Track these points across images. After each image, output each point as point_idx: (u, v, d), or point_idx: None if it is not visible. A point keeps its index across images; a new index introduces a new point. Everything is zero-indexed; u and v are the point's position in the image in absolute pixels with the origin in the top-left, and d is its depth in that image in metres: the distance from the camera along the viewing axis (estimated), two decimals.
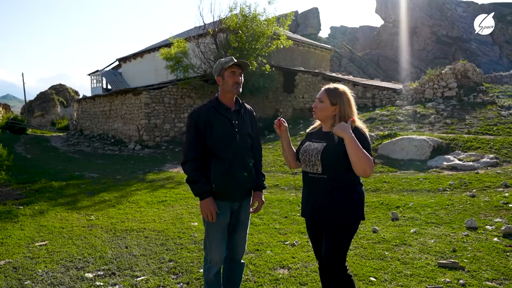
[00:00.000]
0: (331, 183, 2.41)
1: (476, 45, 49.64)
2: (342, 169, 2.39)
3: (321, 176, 2.43)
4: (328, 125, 2.54)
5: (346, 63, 50.16)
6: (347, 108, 2.47)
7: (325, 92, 2.52)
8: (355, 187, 2.46)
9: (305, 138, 2.72)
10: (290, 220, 5.51)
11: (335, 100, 2.48)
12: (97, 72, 29.96)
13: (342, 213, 2.40)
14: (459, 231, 4.75)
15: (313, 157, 2.45)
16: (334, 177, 2.41)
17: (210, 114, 2.62)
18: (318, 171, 2.44)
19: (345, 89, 2.52)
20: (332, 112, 2.49)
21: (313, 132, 2.68)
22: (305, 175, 2.56)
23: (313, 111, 2.59)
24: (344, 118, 2.45)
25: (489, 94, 13.72)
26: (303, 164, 2.57)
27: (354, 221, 2.46)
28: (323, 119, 2.56)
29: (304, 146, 2.58)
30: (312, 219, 2.55)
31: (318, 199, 2.45)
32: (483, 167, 8.11)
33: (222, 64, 2.64)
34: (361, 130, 2.43)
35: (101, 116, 21.09)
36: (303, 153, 2.54)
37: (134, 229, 5.21)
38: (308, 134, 2.72)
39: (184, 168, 2.61)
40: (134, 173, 10.51)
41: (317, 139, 2.53)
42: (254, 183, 2.77)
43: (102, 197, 7.33)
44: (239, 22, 15.93)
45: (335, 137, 2.40)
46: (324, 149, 2.42)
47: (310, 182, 2.51)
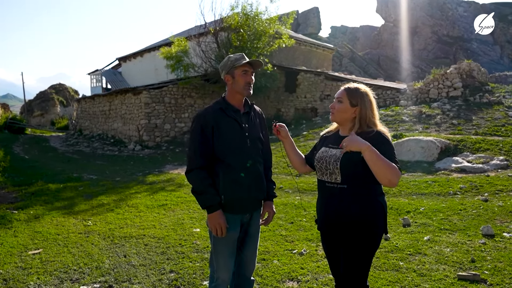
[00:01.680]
0: (351, 193, 2.17)
1: (477, 45, 49.44)
2: (363, 178, 2.15)
3: (341, 186, 2.19)
4: (347, 129, 2.30)
5: (346, 62, 49.96)
6: (368, 111, 2.23)
7: (345, 92, 2.28)
8: (377, 198, 2.22)
9: (319, 142, 2.47)
10: (296, 226, 5.26)
11: (355, 101, 2.24)
12: (96, 72, 29.74)
13: (364, 227, 2.16)
14: (475, 239, 4.50)
15: (331, 165, 2.21)
16: (355, 187, 2.17)
17: (217, 117, 2.37)
18: (336, 180, 2.20)
19: (367, 90, 2.28)
20: (351, 114, 2.25)
21: (328, 136, 2.43)
22: (322, 184, 2.31)
23: (330, 112, 2.34)
24: (365, 121, 2.21)
25: (495, 94, 13.47)
26: (318, 172, 2.32)
27: (377, 235, 2.21)
28: (341, 122, 2.32)
29: (320, 153, 2.33)
30: (329, 233, 2.31)
31: (337, 211, 2.21)
32: (493, 169, 7.86)
33: (233, 62, 2.38)
34: (384, 134, 2.19)
35: (100, 116, 20.84)
36: (319, 160, 2.30)
37: (133, 236, 4.96)
38: (323, 138, 2.47)
39: (190, 178, 2.36)
40: (133, 174, 10.27)
41: (335, 145, 2.27)
42: (265, 192, 2.53)
43: (100, 200, 7.09)
44: (241, 21, 15.69)
45: None
46: (343, 157, 2.16)
47: (328, 192, 2.26)
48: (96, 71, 29.97)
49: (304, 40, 23.10)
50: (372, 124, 2.22)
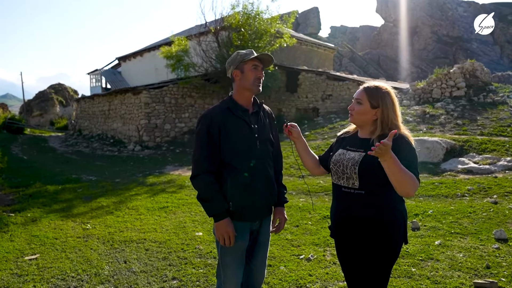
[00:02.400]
0: (370, 200, 2.01)
1: (477, 45, 49.34)
2: (383, 184, 1.98)
3: (358, 191, 2.03)
4: (367, 131, 2.12)
5: (346, 62, 49.87)
6: (391, 112, 2.05)
7: (364, 92, 2.09)
8: (397, 205, 2.05)
9: (335, 144, 2.31)
10: (302, 230, 5.10)
11: (376, 102, 2.06)
12: (96, 71, 29.60)
13: (383, 236, 2.00)
14: (488, 243, 4.34)
15: (349, 169, 2.04)
16: (374, 193, 2.01)
17: (224, 117, 2.20)
18: (354, 185, 2.04)
19: (388, 89, 2.09)
20: (372, 116, 2.08)
21: (346, 137, 2.25)
22: (337, 189, 2.15)
23: (349, 114, 2.16)
24: (386, 124, 2.04)
25: (499, 94, 13.31)
26: (334, 176, 2.16)
27: (397, 244, 2.05)
28: (361, 124, 2.14)
29: (337, 155, 2.16)
30: (345, 241, 2.14)
31: (354, 219, 2.05)
32: (500, 170, 7.71)
33: (243, 56, 2.21)
34: (407, 139, 2.02)
35: (100, 116, 20.68)
36: (335, 163, 2.14)
37: (134, 240, 4.80)
38: (340, 139, 2.30)
39: (195, 183, 2.19)
40: (133, 175, 10.10)
41: (353, 147, 2.12)
42: (275, 198, 2.37)
43: (100, 202, 6.92)
44: (242, 20, 15.53)
45: (375, 142, 1.99)
46: (362, 160, 2.01)
47: (344, 198, 2.10)
48: (96, 71, 29.82)
49: (305, 40, 22.96)
50: (395, 127, 2.05)
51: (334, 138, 11.83)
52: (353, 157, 2.06)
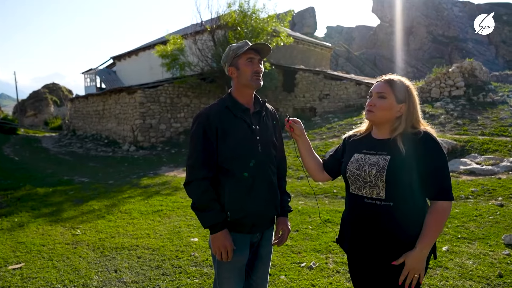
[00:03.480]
0: (399, 213, 1.74)
1: (473, 45, 49.43)
2: (413, 193, 1.73)
3: (385, 203, 1.76)
4: (386, 131, 1.87)
5: (343, 62, 49.80)
6: (416, 108, 1.83)
7: (388, 85, 1.84)
8: (424, 215, 1.80)
9: (345, 148, 2.05)
10: (302, 235, 4.88)
11: (403, 96, 1.82)
12: (90, 71, 29.25)
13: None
14: (498, 249, 4.14)
15: (373, 177, 1.77)
16: (403, 204, 1.75)
17: (222, 117, 1.97)
18: (380, 196, 1.77)
19: (410, 84, 1.87)
20: (396, 112, 1.83)
21: (357, 139, 1.99)
22: (356, 200, 1.87)
23: (366, 110, 1.89)
24: (411, 122, 1.80)
25: (499, 93, 13.16)
26: (353, 185, 1.87)
27: (427, 262, 1.81)
28: (382, 122, 1.87)
29: (355, 161, 1.88)
30: (364, 259, 1.87)
31: (380, 236, 1.78)
32: (503, 171, 7.52)
33: (235, 50, 1.98)
34: (434, 138, 1.76)
35: (94, 116, 20.37)
36: (355, 169, 1.85)
37: (126, 247, 4.55)
38: (350, 142, 2.03)
39: (189, 190, 1.96)
40: (127, 177, 9.84)
41: (373, 150, 1.86)
42: (279, 207, 2.13)
43: (91, 206, 6.66)
44: (238, 18, 15.30)
45: (401, 147, 1.75)
46: (389, 165, 1.74)
47: (366, 211, 1.82)
48: (90, 70, 29.47)
49: (302, 39, 22.75)
50: (417, 124, 1.83)
51: (332, 138, 11.68)
52: (376, 162, 1.79)
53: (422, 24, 51.86)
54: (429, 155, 1.70)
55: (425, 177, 1.72)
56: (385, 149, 1.81)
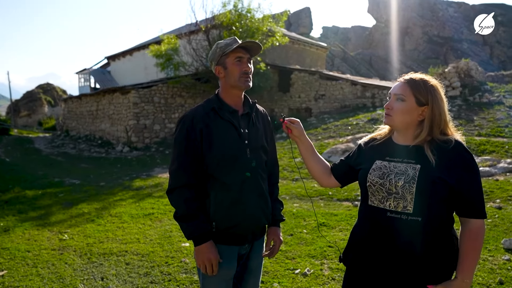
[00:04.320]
0: (428, 229, 1.55)
1: (467, 45, 49.67)
2: (442, 206, 1.56)
3: (413, 218, 1.55)
4: (409, 136, 1.66)
5: (338, 62, 49.87)
6: (442, 112, 1.62)
7: (407, 86, 1.63)
8: (452, 230, 1.64)
9: (363, 153, 1.82)
10: (296, 239, 4.74)
11: (425, 98, 1.61)
12: (85, 71, 29.03)
13: (441, 275, 1.58)
14: (498, 254, 4.02)
15: (400, 188, 1.56)
16: (434, 220, 1.55)
17: (208, 119, 1.83)
18: (406, 209, 1.55)
19: (436, 83, 1.67)
20: (418, 116, 1.63)
21: (378, 144, 1.77)
22: (376, 213, 1.64)
23: (385, 114, 1.69)
24: (438, 125, 1.61)
25: (495, 94, 13.12)
26: (374, 196, 1.65)
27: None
28: (402, 127, 1.67)
29: (377, 169, 1.66)
30: (379, 281, 1.65)
31: (404, 254, 1.57)
32: (501, 173, 7.43)
33: (223, 48, 1.83)
34: (469, 151, 1.57)
35: (87, 116, 20.16)
36: (378, 178, 1.63)
37: (114, 252, 4.40)
38: (368, 146, 1.81)
39: (172, 199, 1.81)
40: (120, 178, 9.67)
41: (398, 157, 1.65)
42: (270, 216, 1.99)
43: (81, 209, 6.49)
44: (233, 18, 15.18)
45: (430, 156, 1.55)
46: (420, 176, 1.54)
47: (389, 226, 1.60)
48: (84, 70, 29.23)
49: (297, 39, 22.65)
50: (446, 129, 1.64)
51: (328, 139, 11.55)
52: (404, 171, 1.58)
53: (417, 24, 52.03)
54: (463, 169, 1.53)
55: (456, 193, 1.54)
56: (413, 157, 1.61)
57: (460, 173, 1.53)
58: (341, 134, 11.46)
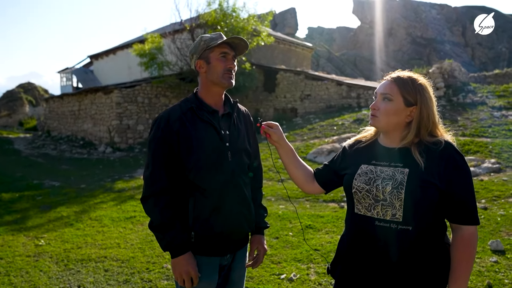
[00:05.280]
0: (420, 239, 1.44)
1: (450, 47, 50.51)
2: (434, 213, 1.45)
3: (402, 227, 1.43)
4: (396, 138, 1.55)
5: (324, 63, 50.14)
6: (431, 112, 1.51)
7: (395, 85, 1.52)
8: (446, 238, 1.53)
9: (348, 156, 1.70)
10: (282, 243, 4.63)
11: (413, 98, 1.50)
12: (67, 70, 28.45)
13: (437, 285, 1.48)
14: (485, 256, 3.98)
15: (388, 194, 1.44)
16: (424, 228, 1.44)
17: (186, 120, 1.69)
18: (395, 218, 1.44)
19: (425, 81, 1.56)
20: (406, 117, 1.52)
21: (363, 146, 1.66)
22: (363, 222, 1.52)
23: (370, 115, 1.57)
24: (426, 127, 1.50)
25: (478, 94, 13.25)
26: (359, 204, 1.53)
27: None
28: (389, 129, 1.56)
29: (363, 173, 1.54)
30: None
31: (394, 267, 1.46)
32: (485, 173, 7.46)
33: (207, 42, 1.71)
34: (460, 153, 1.48)
35: (69, 117, 19.73)
36: (364, 184, 1.51)
37: (92, 259, 4.21)
38: (353, 149, 1.69)
39: (147, 207, 1.68)
40: (101, 180, 9.42)
41: (384, 161, 1.53)
42: (253, 223, 1.87)
43: (60, 212, 6.26)
44: (218, 17, 15.02)
45: (418, 158, 1.44)
46: (409, 180, 1.43)
47: (377, 237, 1.48)
48: (67, 69, 28.65)
49: (283, 39, 22.60)
50: (435, 130, 1.53)
51: (313, 139, 11.49)
52: (392, 176, 1.46)
53: (401, 26, 52.67)
54: (453, 172, 1.42)
55: (447, 197, 1.44)
56: (400, 160, 1.50)
57: (451, 175, 1.43)
58: (327, 134, 11.42)
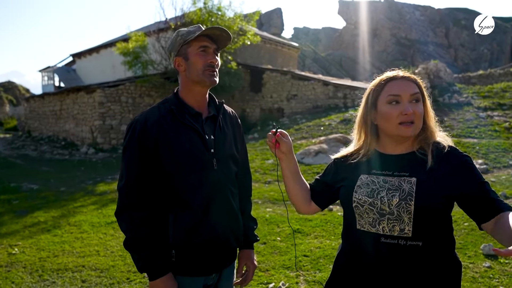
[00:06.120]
0: (431, 256, 1.29)
1: (433, 48, 51.22)
2: (445, 226, 1.32)
3: (412, 243, 1.28)
4: (407, 143, 1.39)
5: (310, 63, 50.29)
6: (431, 109, 1.40)
7: (414, 83, 1.38)
8: (455, 253, 1.38)
9: (342, 167, 1.51)
10: (270, 248, 4.46)
11: (424, 96, 1.39)
12: (48, 69, 27.79)
13: None
14: (478, 261, 3.88)
15: (395, 207, 1.28)
16: (436, 242, 1.30)
17: (165, 124, 1.49)
18: (405, 233, 1.28)
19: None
20: None
21: (358, 158, 1.45)
22: (367, 239, 1.34)
23: (408, 123, 1.32)
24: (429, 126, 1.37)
25: (463, 94, 13.33)
26: (362, 219, 1.36)
27: None
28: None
29: (364, 185, 1.37)
30: None
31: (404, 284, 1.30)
32: None
33: (184, 36, 1.52)
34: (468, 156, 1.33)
35: (51, 117, 19.23)
36: (366, 197, 1.34)
37: (69, 268, 3.97)
38: (347, 161, 1.49)
39: (121, 223, 1.48)
40: (82, 182, 9.12)
41: (386, 170, 1.37)
42: (241, 237, 1.68)
43: (37, 217, 5.98)
44: (203, 16, 14.80)
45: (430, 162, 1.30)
46: (418, 191, 1.27)
47: (384, 255, 1.31)
48: (48, 68, 27.99)
49: (269, 38, 22.48)
50: (435, 129, 1.40)
51: (300, 140, 11.35)
52: (398, 186, 1.30)
53: (386, 27, 53.20)
54: (465, 171, 1.28)
55: (468, 197, 1.27)
56: (404, 168, 1.34)
57: (465, 176, 1.28)
58: (314, 134, 11.30)
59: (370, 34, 52.80)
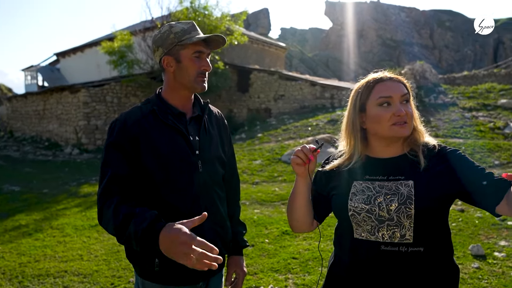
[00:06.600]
0: (433, 261, 1.25)
1: (418, 49, 51.89)
2: (445, 229, 1.29)
3: (414, 249, 1.23)
4: (399, 146, 1.33)
5: (296, 63, 50.44)
6: (416, 110, 1.36)
7: (401, 84, 1.33)
8: (452, 258, 1.33)
9: (332, 174, 1.41)
10: (258, 251, 4.39)
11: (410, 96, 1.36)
12: (32, 68, 27.26)
13: None
14: (466, 262, 3.87)
15: (395, 213, 1.22)
16: (437, 247, 1.26)
17: (146, 124, 1.41)
18: (406, 239, 1.22)
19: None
20: None
21: (347, 164, 1.36)
22: (366, 248, 1.28)
23: (402, 123, 1.26)
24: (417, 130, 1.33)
25: (449, 95, 13.49)
26: (359, 228, 1.29)
27: None
28: None
29: (359, 192, 1.29)
30: None
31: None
32: None
33: (180, 35, 1.42)
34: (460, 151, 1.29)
35: (34, 117, 18.85)
36: (363, 204, 1.26)
37: (51, 274, 3.84)
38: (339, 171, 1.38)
39: (104, 222, 1.34)
40: (66, 184, 8.92)
41: (381, 174, 1.30)
42: (229, 243, 1.61)
43: (18, 221, 5.80)
44: (190, 15, 14.67)
45: (422, 160, 1.25)
46: (417, 193, 1.21)
47: (384, 263, 1.25)
48: (32, 67, 27.47)
49: (256, 38, 22.42)
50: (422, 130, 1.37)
51: (288, 140, 11.31)
52: (396, 191, 1.24)
53: (372, 28, 53.68)
54: (462, 161, 1.25)
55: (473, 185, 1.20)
56: (399, 171, 1.29)
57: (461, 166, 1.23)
58: (301, 135, 11.28)
59: (356, 35, 53.25)
